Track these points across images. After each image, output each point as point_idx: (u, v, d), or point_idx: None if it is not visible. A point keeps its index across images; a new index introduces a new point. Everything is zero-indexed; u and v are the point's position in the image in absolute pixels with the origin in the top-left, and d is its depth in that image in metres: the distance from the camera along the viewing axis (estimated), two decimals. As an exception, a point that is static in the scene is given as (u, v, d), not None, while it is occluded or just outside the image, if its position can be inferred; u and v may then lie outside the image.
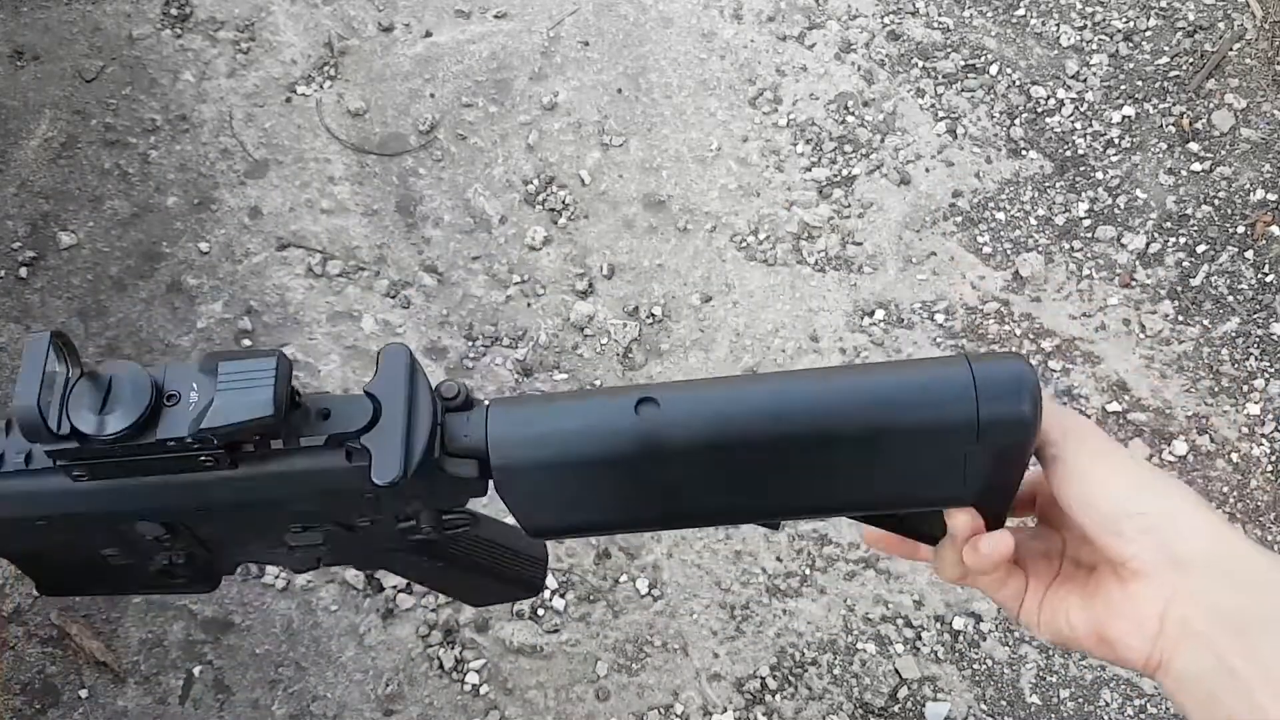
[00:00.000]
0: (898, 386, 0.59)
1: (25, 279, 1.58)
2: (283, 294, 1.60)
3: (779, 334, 1.59)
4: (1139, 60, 1.77)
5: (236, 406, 0.56)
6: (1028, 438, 0.58)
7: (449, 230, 1.65)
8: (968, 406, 0.57)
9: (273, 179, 1.67)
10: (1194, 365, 1.59)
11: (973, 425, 0.57)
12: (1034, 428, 0.57)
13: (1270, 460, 1.53)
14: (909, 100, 1.74)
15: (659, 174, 1.69)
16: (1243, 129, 1.72)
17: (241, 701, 1.38)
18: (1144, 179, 1.70)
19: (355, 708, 1.38)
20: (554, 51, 1.76)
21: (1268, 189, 1.68)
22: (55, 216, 1.62)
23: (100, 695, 1.38)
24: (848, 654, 1.42)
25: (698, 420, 0.58)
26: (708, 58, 1.76)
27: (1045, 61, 1.77)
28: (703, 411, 0.59)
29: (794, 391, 0.59)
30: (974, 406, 0.57)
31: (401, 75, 1.74)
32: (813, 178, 1.69)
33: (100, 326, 1.56)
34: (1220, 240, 1.66)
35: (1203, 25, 1.79)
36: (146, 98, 1.70)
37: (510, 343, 1.58)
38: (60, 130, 1.67)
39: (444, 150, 1.70)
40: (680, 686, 1.41)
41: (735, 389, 0.60)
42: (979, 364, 0.58)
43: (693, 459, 0.59)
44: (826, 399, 0.59)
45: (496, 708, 1.38)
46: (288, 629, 1.42)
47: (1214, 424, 1.55)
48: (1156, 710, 1.41)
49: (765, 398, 0.59)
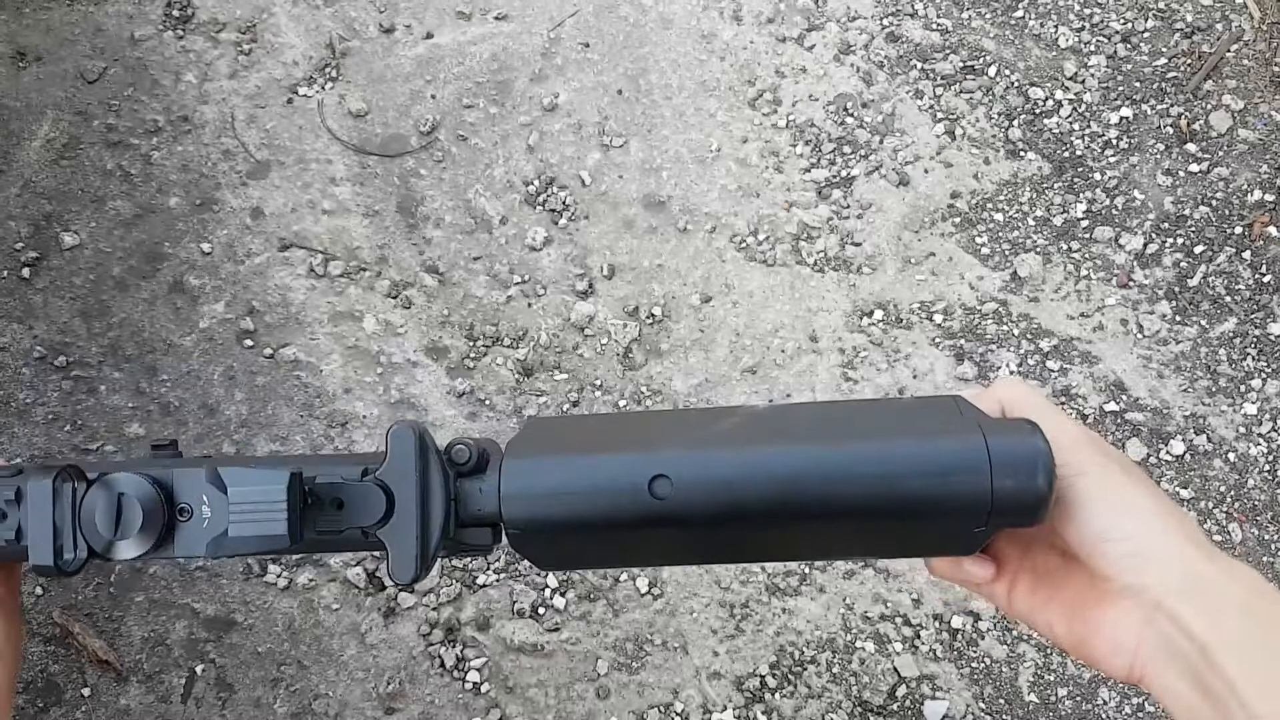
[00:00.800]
0: (911, 459, 0.58)
1: (28, 279, 1.59)
2: (284, 294, 1.60)
3: (778, 334, 1.60)
4: (1137, 61, 1.78)
5: (252, 537, 0.57)
6: (1041, 511, 0.58)
7: (450, 231, 1.65)
8: (982, 483, 0.57)
9: (274, 180, 1.67)
10: (1191, 365, 1.60)
11: (986, 501, 0.57)
12: (1048, 502, 0.57)
13: (1267, 460, 1.54)
14: (908, 101, 1.75)
15: (659, 175, 1.69)
16: (1240, 130, 1.73)
17: (243, 700, 1.39)
18: (1142, 180, 1.70)
19: (357, 706, 1.39)
20: (554, 53, 1.76)
21: (1265, 190, 1.68)
22: (58, 217, 1.62)
23: (102, 694, 1.38)
24: (846, 652, 1.43)
25: (708, 497, 0.59)
26: (707, 59, 1.77)
27: (1043, 63, 1.78)
28: (713, 487, 0.59)
29: (806, 462, 0.59)
30: (988, 483, 0.57)
31: (403, 76, 1.74)
32: (812, 179, 1.70)
33: (103, 326, 1.56)
34: (1218, 241, 1.66)
35: (1200, 27, 1.79)
36: (149, 99, 1.70)
37: (511, 343, 1.59)
38: (63, 131, 1.67)
39: (445, 151, 1.70)
40: (680, 685, 1.41)
41: (748, 458, 0.60)
42: (994, 437, 0.57)
43: (702, 528, 0.60)
44: (838, 471, 0.59)
45: (497, 706, 1.39)
46: (290, 627, 1.42)
47: (1211, 424, 1.56)
48: (1154, 709, 1.41)
49: (777, 468, 0.59)
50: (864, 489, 0.58)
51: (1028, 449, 0.57)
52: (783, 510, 0.59)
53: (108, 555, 0.57)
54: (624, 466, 0.60)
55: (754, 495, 0.59)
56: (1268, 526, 1.51)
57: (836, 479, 0.59)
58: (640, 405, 1.54)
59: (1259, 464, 1.54)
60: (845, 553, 0.66)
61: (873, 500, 0.58)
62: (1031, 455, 0.57)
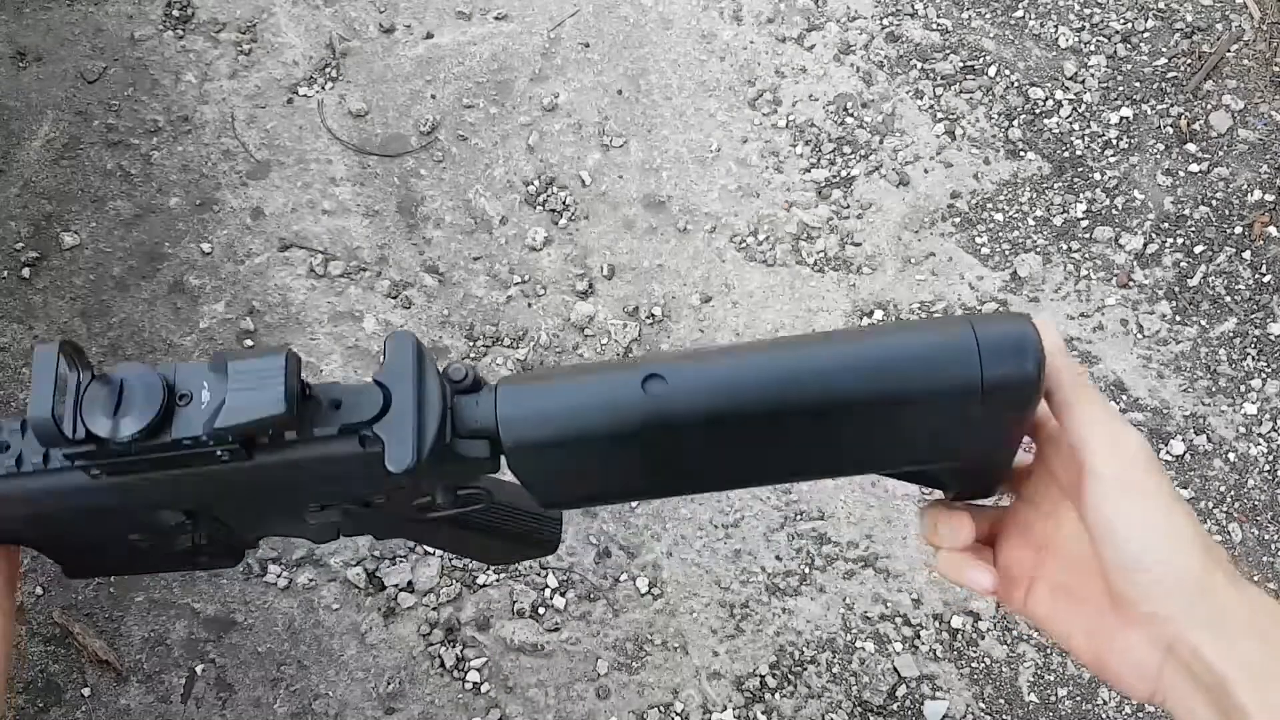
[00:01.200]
0: (902, 352, 0.59)
1: (28, 279, 1.59)
2: (285, 294, 1.61)
3: (779, 334, 1.60)
4: (1137, 61, 1.78)
5: (249, 405, 0.57)
6: (1032, 396, 0.59)
7: (450, 231, 1.66)
8: (972, 370, 0.58)
9: (274, 180, 1.67)
10: (1191, 365, 1.60)
11: (977, 388, 0.58)
12: (1038, 386, 0.58)
13: (1267, 460, 1.54)
14: (908, 101, 1.75)
15: (659, 175, 1.69)
16: (1240, 130, 1.73)
17: (243, 700, 1.39)
18: (1142, 180, 1.70)
19: (357, 706, 1.39)
20: (554, 53, 1.76)
21: (1265, 190, 1.68)
22: (58, 217, 1.62)
23: (102, 694, 1.38)
24: (846, 652, 1.43)
25: (703, 394, 0.59)
26: (707, 59, 1.77)
27: (1043, 63, 1.78)
28: (708, 385, 0.59)
29: (797, 362, 0.60)
30: (978, 370, 0.57)
31: (403, 76, 1.74)
32: (812, 179, 1.70)
33: (103, 327, 1.57)
34: (1218, 241, 1.66)
35: (1200, 26, 1.79)
36: (148, 99, 1.70)
37: (511, 343, 1.59)
38: (62, 131, 1.68)
39: (445, 151, 1.70)
40: (680, 685, 1.41)
41: (740, 360, 0.60)
42: (982, 326, 0.58)
43: (700, 431, 0.60)
44: (830, 368, 0.59)
45: (497, 706, 1.39)
46: (290, 627, 1.42)
47: (1211, 424, 1.56)
48: (1154, 709, 1.41)
49: (770, 369, 0.59)
50: (858, 384, 0.59)
51: (1015, 331, 0.58)
52: (780, 406, 0.59)
53: (106, 437, 0.58)
54: (617, 371, 0.60)
55: (747, 394, 0.59)
56: (1268, 526, 1.51)
57: (829, 374, 0.59)
58: (640, 405, 1.54)
59: (1259, 464, 1.54)
60: (850, 459, 0.64)
61: (867, 394, 0.59)
62: (1019, 336, 0.58)
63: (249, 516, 0.71)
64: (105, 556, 0.73)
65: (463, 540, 0.83)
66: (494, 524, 0.80)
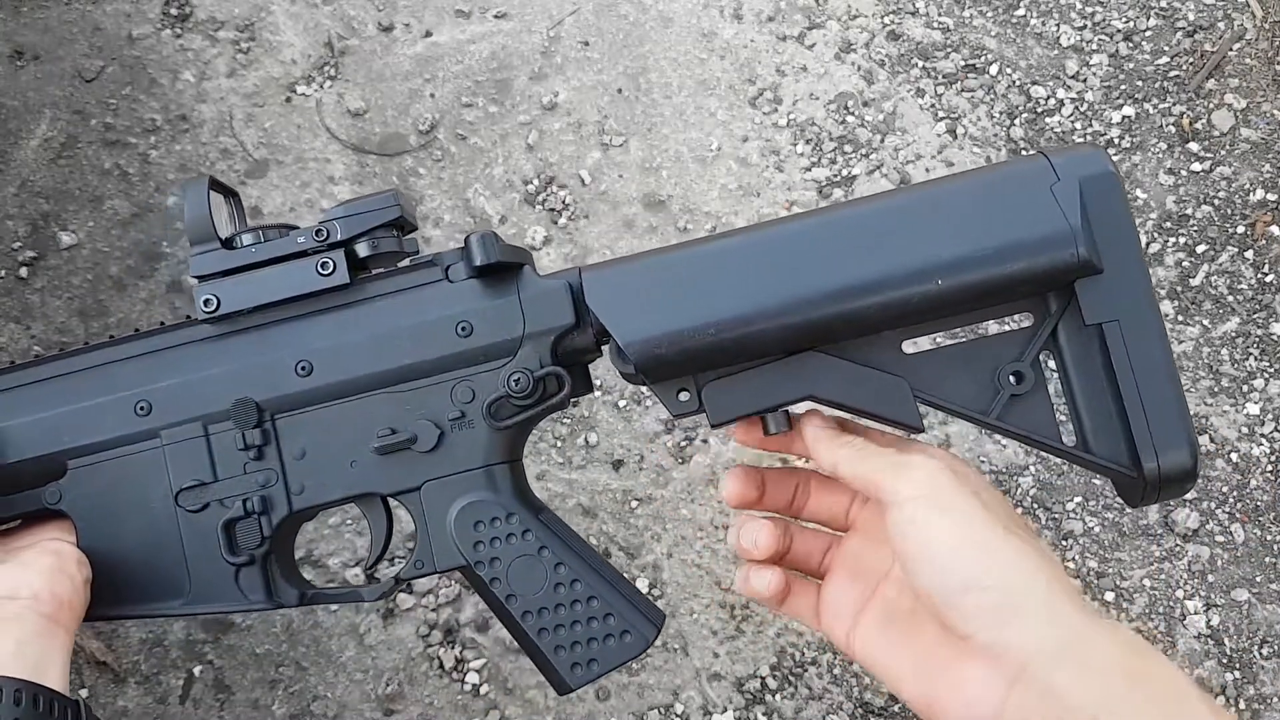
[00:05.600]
0: (983, 174, 0.80)
1: (25, 279, 1.58)
2: (283, 294, 1.60)
3: (779, 334, 1.59)
4: (1139, 60, 1.78)
5: (365, 214, 0.76)
6: (1116, 182, 0.77)
7: (449, 230, 1.65)
8: (1045, 172, 0.77)
9: (273, 179, 1.67)
10: (1193, 365, 1.59)
11: (1050, 170, 0.76)
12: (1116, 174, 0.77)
13: (1270, 460, 1.53)
14: (909, 100, 1.74)
15: (659, 174, 1.69)
16: (1243, 129, 1.72)
17: (242, 701, 1.38)
18: (1144, 179, 1.70)
19: (355, 707, 1.38)
20: (554, 51, 1.76)
21: (1268, 189, 1.68)
22: (55, 216, 1.62)
23: (100, 695, 1.38)
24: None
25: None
26: (708, 58, 1.77)
27: (1045, 61, 1.78)
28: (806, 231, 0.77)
29: (879, 199, 0.79)
30: (1048, 161, 0.78)
31: (401, 75, 1.74)
32: (813, 177, 1.69)
33: (101, 326, 1.56)
34: (1220, 240, 1.66)
35: (1203, 25, 1.79)
36: (146, 97, 1.70)
37: (510, 343, 1.58)
38: (60, 130, 1.67)
39: (444, 150, 1.70)
40: (680, 686, 1.41)
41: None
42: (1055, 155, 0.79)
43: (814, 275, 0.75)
44: (926, 203, 0.78)
45: (496, 707, 1.39)
46: (288, 629, 1.42)
47: (1213, 424, 1.56)
48: None
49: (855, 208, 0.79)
50: (957, 220, 0.76)
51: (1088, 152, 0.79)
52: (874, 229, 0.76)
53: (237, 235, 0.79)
54: (699, 243, 0.78)
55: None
56: (1270, 527, 1.50)
57: (924, 211, 0.77)
58: (640, 405, 1.54)
59: (1261, 464, 1.53)
60: (945, 259, 0.78)
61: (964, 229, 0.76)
62: (1092, 152, 0.79)
63: (317, 455, 0.82)
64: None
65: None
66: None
